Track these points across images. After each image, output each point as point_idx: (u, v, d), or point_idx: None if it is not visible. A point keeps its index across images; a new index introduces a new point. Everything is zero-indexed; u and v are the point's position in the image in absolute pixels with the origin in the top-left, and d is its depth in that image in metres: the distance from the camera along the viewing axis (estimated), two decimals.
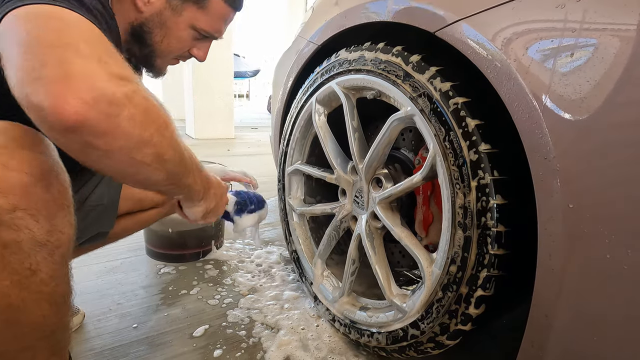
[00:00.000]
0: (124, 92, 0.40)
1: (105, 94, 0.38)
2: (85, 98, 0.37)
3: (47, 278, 0.50)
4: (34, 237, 0.47)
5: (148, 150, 0.44)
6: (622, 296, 0.46)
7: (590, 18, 0.47)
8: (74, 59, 0.37)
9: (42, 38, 0.38)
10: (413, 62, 0.73)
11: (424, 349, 0.77)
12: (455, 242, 0.66)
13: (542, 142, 0.51)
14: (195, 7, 0.71)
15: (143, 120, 0.43)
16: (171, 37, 0.73)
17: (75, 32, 0.41)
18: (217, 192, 0.69)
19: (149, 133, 0.44)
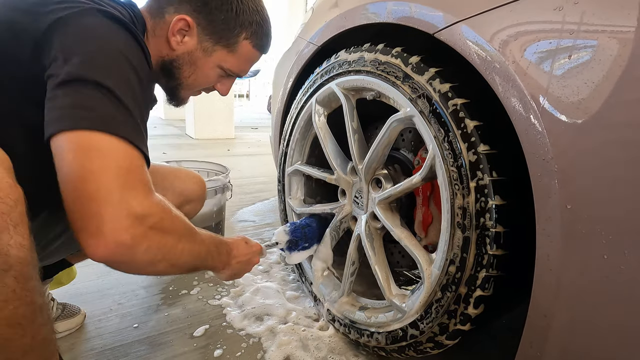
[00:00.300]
0: (142, 232, 0.50)
1: (125, 243, 0.48)
2: (110, 248, 0.48)
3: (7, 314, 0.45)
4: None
5: (161, 264, 0.55)
6: (620, 296, 0.47)
7: (588, 20, 0.47)
8: (105, 211, 0.47)
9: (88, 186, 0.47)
10: (412, 63, 0.73)
11: (423, 348, 0.77)
12: (454, 242, 0.67)
13: (540, 143, 0.51)
14: (225, 50, 0.75)
15: (157, 249, 0.53)
16: (199, 74, 0.77)
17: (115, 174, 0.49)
18: (241, 260, 0.78)
19: (161, 255, 0.54)
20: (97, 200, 0.47)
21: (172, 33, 0.71)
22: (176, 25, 0.70)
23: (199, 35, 0.73)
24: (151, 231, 0.51)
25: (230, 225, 1.69)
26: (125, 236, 0.48)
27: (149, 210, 0.51)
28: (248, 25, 0.74)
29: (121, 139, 0.50)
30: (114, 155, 0.49)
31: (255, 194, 2.31)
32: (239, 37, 0.75)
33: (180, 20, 0.70)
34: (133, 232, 0.49)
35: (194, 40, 0.73)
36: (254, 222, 1.81)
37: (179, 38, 0.72)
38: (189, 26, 0.71)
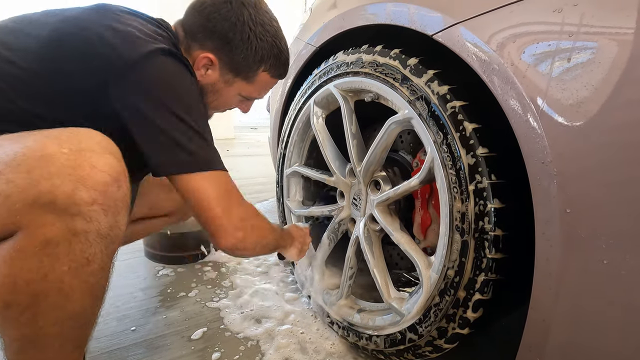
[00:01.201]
0: (247, 228, 0.73)
1: (240, 239, 0.72)
2: (232, 242, 0.71)
3: (97, 270, 0.55)
4: (100, 230, 0.53)
5: (259, 248, 0.80)
6: (620, 301, 0.46)
7: (588, 22, 0.47)
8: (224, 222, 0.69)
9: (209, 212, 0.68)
10: (410, 65, 0.73)
11: (422, 352, 0.77)
12: (453, 246, 0.66)
13: (539, 146, 0.51)
14: (245, 81, 0.82)
15: (257, 243, 0.78)
16: (221, 100, 0.85)
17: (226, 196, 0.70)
18: (300, 239, 0.99)
19: (259, 242, 0.78)
20: (219, 217, 0.68)
21: (197, 68, 0.78)
22: (201, 62, 0.77)
23: (220, 69, 0.79)
24: (252, 229, 0.75)
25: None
26: (240, 233, 0.71)
27: (248, 214, 0.74)
28: (266, 59, 0.79)
29: (216, 171, 0.69)
30: (218, 185, 0.68)
31: (255, 194, 2.31)
32: (257, 70, 0.81)
33: (205, 58, 0.77)
34: (242, 229, 0.72)
35: (216, 74, 0.80)
36: None
37: (203, 71, 0.79)
38: (212, 62, 0.78)
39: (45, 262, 0.50)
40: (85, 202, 0.51)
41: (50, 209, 0.49)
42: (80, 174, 0.51)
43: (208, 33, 0.75)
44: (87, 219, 0.52)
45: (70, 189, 0.50)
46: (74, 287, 0.53)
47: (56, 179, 0.50)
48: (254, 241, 0.76)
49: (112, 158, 0.56)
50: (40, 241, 0.50)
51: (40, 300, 0.52)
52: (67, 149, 0.52)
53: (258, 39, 0.76)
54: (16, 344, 0.54)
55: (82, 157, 0.52)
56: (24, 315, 0.52)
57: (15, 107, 0.60)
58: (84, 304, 0.56)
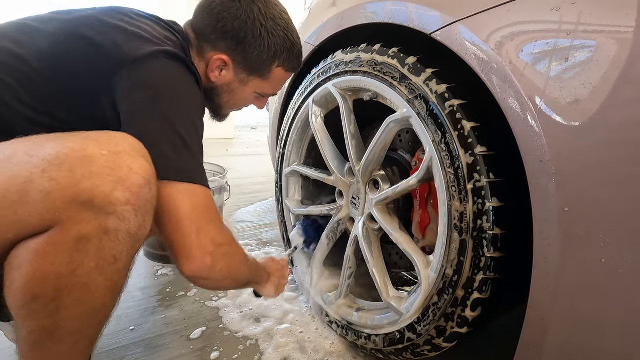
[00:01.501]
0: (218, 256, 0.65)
1: (207, 266, 0.64)
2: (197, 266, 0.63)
3: (122, 268, 0.56)
4: (130, 229, 0.55)
5: (227, 281, 0.72)
6: (618, 299, 0.46)
7: (586, 20, 0.47)
8: (195, 242, 0.62)
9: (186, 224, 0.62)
10: (409, 64, 0.73)
11: (420, 351, 0.77)
12: (452, 245, 0.66)
13: (537, 144, 0.51)
14: (260, 79, 0.81)
15: (227, 268, 0.68)
16: (237, 99, 0.85)
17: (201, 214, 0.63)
18: (276, 274, 0.94)
19: (229, 274, 0.70)
20: (186, 235, 0.62)
21: (211, 70, 0.78)
22: (214, 64, 0.77)
23: (235, 69, 0.79)
24: (223, 256, 0.67)
25: (228, 226, 1.68)
26: (208, 258, 0.64)
27: (222, 240, 0.67)
28: (280, 54, 0.79)
29: (196, 185, 0.64)
30: (192, 199, 0.63)
31: (254, 194, 2.31)
32: (272, 66, 0.80)
33: (218, 59, 0.76)
34: (212, 254, 0.64)
35: (230, 74, 0.79)
36: (252, 222, 1.80)
37: (217, 73, 0.79)
38: (226, 63, 0.77)
39: (76, 258, 0.52)
40: (121, 202, 0.53)
41: (87, 206, 0.51)
42: (119, 175, 0.53)
43: (219, 34, 0.75)
44: (120, 218, 0.53)
45: (109, 189, 0.52)
46: (99, 284, 0.54)
47: (97, 179, 0.51)
48: (223, 269, 0.67)
49: (145, 161, 0.57)
50: (74, 237, 0.51)
51: (65, 295, 0.53)
52: (106, 151, 0.54)
53: (270, 34, 0.76)
54: (34, 337, 0.54)
55: (121, 159, 0.54)
56: (48, 308, 0.52)
57: (21, 104, 0.61)
58: (105, 301, 0.57)
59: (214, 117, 0.91)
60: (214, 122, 0.91)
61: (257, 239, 1.60)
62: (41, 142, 0.54)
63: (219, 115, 0.90)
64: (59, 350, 0.56)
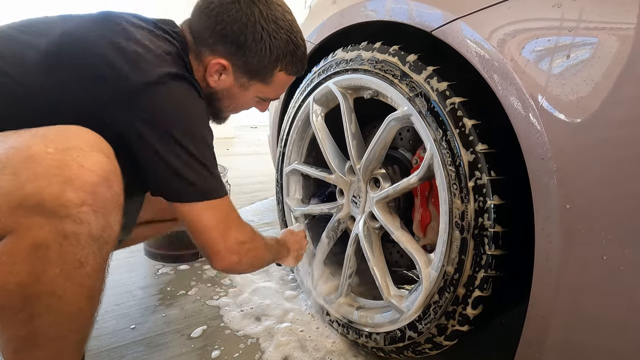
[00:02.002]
0: (243, 252, 0.74)
1: (235, 262, 0.73)
2: (226, 264, 0.72)
3: (91, 272, 0.54)
4: (91, 232, 0.52)
5: (253, 269, 0.83)
6: (619, 297, 0.46)
7: (587, 17, 0.47)
8: (222, 243, 0.70)
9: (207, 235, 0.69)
10: (410, 61, 0.73)
11: (421, 349, 0.77)
12: (453, 243, 0.66)
13: (538, 142, 0.50)
14: (261, 83, 0.78)
15: (251, 260, 0.78)
16: (237, 104, 0.83)
17: (224, 220, 0.71)
18: (295, 247, 1.00)
19: (253, 264, 0.80)
20: (215, 243, 0.70)
21: (210, 74, 0.75)
22: (213, 68, 0.74)
23: (235, 74, 0.76)
24: (247, 251, 0.75)
25: None
26: (235, 257, 0.72)
27: (245, 238, 0.74)
28: (282, 58, 0.75)
29: (215, 199, 0.68)
30: (215, 213, 0.68)
31: (254, 193, 2.31)
32: (274, 70, 0.77)
33: (217, 64, 0.73)
34: (237, 252, 0.72)
35: (230, 79, 0.76)
36: (252, 221, 1.80)
37: (216, 77, 0.75)
38: (225, 67, 0.74)
39: (37, 265, 0.49)
40: (74, 204, 0.49)
41: (38, 211, 0.48)
42: (67, 175, 0.49)
43: (218, 37, 0.71)
44: (77, 221, 0.50)
45: (58, 191, 0.48)
46: (68, 289, 0.52)
47: (42, 180, 0.48)
48: (248, 262, 0.77)
49: (101, 156, 0.53)
50: (29, 244, 0.49)
51: (34, 303, 0.51)
52: (52, 149, 0.50)
53: (272, 37, 0.72)
54: (13, 344, 0.53)
55: (69, 156, 0.50)
56: (18, 317, 0.51)
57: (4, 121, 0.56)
58: (80, 306, 0.55)
59: (213, 119, 0.88)
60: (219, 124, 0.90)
61: None
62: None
63: (219, 118, 0.88)
64: (43, 356, 0.55)
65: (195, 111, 0.67)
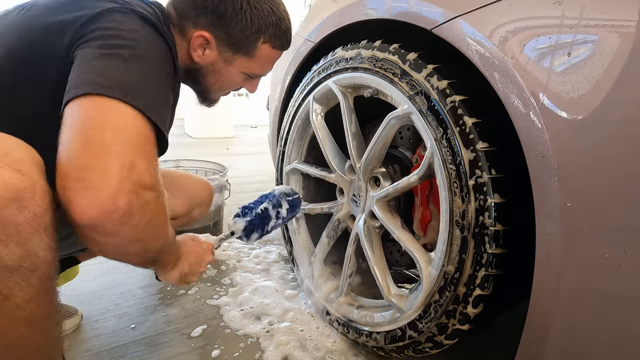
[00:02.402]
0: (140, 203, 0.48)
1: (122, 208, 0.46)
2: (106, 209, 0.45)
3: (22, 302, 0.46)
4: (4, 264, 0.43)
5: (136, 246, 0.53)
6: (620, 295, 0.46)
7: (588, 14, 0.46)
8: (111, 167, 0.45)
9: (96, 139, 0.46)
10: (410, 60, 0.72)
11: (422, 348, 0.77)
12: (453, 241, 0.66)
13: (539, 140, 0.50)
14: (245, 57, 0.77)
15: (144, 227, 0.50)
16: (223, 81, 0.80)
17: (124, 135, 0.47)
18: (190, 259, 0.74)
19: (144, 236, 0.52)
20: (106, 151, 0.45)
21: (193, 48, 0.73)
22: (196, 42, 0.73)
23: (218, 47, 0.75)
24: (146, 204, 0.49)
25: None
26: (124, 200, 0.46)
27: (152, 182, 0.50)
28: (265, 29, 0.74)
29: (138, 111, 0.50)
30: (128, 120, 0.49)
31: (254, 192, 2.30)
32: (257, 42, 0.76)
33: (199, 37, 0.72)
34: (132, 197, 0.47)
35: (214, 53, 0.75)
36: None
37: (200, 52, 0.74)
38: (208, 41, 0.73)
39: None
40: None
41: None
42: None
43: (199, 9, 0.71)
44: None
45: None
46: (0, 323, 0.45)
47: None
48: (138, 228, 0.50)
49: (6, 172, 0.43)
50: None
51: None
52: None
53: (252, 7, 0.72)
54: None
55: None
56: None
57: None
58: (19, 334, 0.47)
59: (202, 101, 0.87)
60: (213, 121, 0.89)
61: None
62: None
63: (207, 100, 0.86)
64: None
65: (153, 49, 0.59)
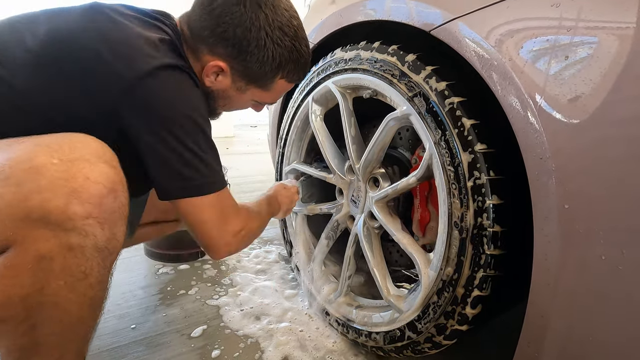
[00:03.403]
0: (238, 240, 0.74)
1: (231, 251, 0.75)
2: (223, 253, 0.73)
3: (95, 283, 0.54)
4: (96, 244, 0.52)
5: (248, 244, 0.83)
6: (618, 296, 0.46)
7: (586, 16, 0.46)
8: (216, 238, 0.70)
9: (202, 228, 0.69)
10: (409, 61, 0.73)
11: (421, 349, 0.77)
12: (452, 242, 0.66)
13: (537, 141, 0.50)
14: (260, 89, 0.76)
15: (247, 241, 0.80)
16: (232, 105, 0.81)
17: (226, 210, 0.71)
18: (286, 202, 1.01)
19: (249, 242, 0.81)
20: (212, 238, 0.70)
21: (207, 74, 0.72)
22: (210, 69, 0.71)
23: (232, 76, 0.73)
24: (243, 237, 0.75)
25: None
26: (232, 247, 0.74)
27: (239, 227, 0.73)
28: (284, 65, 0.72)
29: (214, 194, 0.67)
30: (211, 207, 0.67)
31: (254, 192, 2.31)
32: (274, 78, 0.74)
33: (215, 66, 0.70)
34: (233, 243, 0.73)
35: (227, 80, 0.73)
36: None
37: (213, 78, 0.73)
38: (223, 70, 0.71)
39: (41, 277, 0.49)
40: (80, 217, 0.49)
41: (43, 224, 0.47)
42: (73, 187, 0.48)
43: (218, 39, 0.67)
44: (83, 234, 0.50)
45: (63, 203, 0.48)
46: (71, 300, 0.52)
47: (47, 193, 0.47)
48: (244, 244, 0.79)
49: (107, 167, 0.53)
50: (34, 257, 0.48)
51: (36, 314, 0.50)
52: (57, 159, 0.49)
53: (275, 44, 0.68)
54: (14, 355, 0.53)
55: (75, 167, 0.49)
56: (20, 328, 0.51)
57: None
58: (82, 315, 0.54)
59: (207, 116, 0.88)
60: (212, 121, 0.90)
61: (258, 238, 1.60)
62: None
63: (212, 114, 0.85)
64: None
65: (189, 100, 0.64)
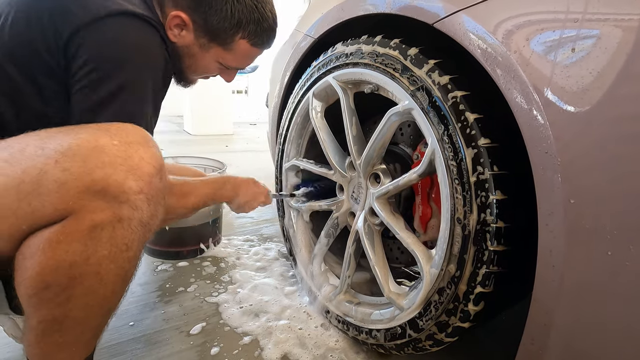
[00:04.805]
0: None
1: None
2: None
3: (132, 257, 0.58)
4: (142, 218, 0.56)
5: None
6: (624, 293, 0.46)
7: (593, 8, 0.46)
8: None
9: None
10: (411, 55, 0.72)
11: (422, 346, 0.76)
12: (454, 239, 0.65)
13: (542, 135, 0.50)
14: (221, 48, 0.77)
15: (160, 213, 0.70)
16: (198, 65, 0.80)
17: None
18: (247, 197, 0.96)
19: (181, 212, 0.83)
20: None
21: (169, 27, 0.73)
22: (172, 21, 0.72)
23: (195, 32, 0.74)
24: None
25: (228, 221, 1.68)
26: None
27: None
28: (245, 24, 0.74)
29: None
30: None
31: None
32: (234, 36, 0.76)
33: (176, 17, 0.72)
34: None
35: (190, 36, 0.75)
36: (252, 218, 1.80)
37: (177, 32, 0.74)
38: (185, 23, 0.73)
39: (90, 246, 0.53)
40: (134, 191, 0.54)
41: (101, 195, 0.52)
42: (130, 165, 0.54)
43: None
44: (133, 207, 0.55)
45: (122, 178, 0.53)
46: (110, 271, 0.55)
47: (109, 168, 0.52)
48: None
49: (155, 150, 0.59)
50: (89, 225, 0.52)
51: (78, 283, 0.53)
52: (117, 141, 0.55)
53: (236, 0, 0.72)
54: (42, 326, 0.55)
55: (132, 149, 0.56)
56: (59, 296, 0.53)
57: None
58: (114, 288, 0.58)
59: (178, 82, 0.86)
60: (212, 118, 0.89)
61: (258, 235, 1.60)
62: (52, 134, 0.55)
63: (183, 80, 0.86)
64: (65, 341, 0.57)
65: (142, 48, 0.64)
